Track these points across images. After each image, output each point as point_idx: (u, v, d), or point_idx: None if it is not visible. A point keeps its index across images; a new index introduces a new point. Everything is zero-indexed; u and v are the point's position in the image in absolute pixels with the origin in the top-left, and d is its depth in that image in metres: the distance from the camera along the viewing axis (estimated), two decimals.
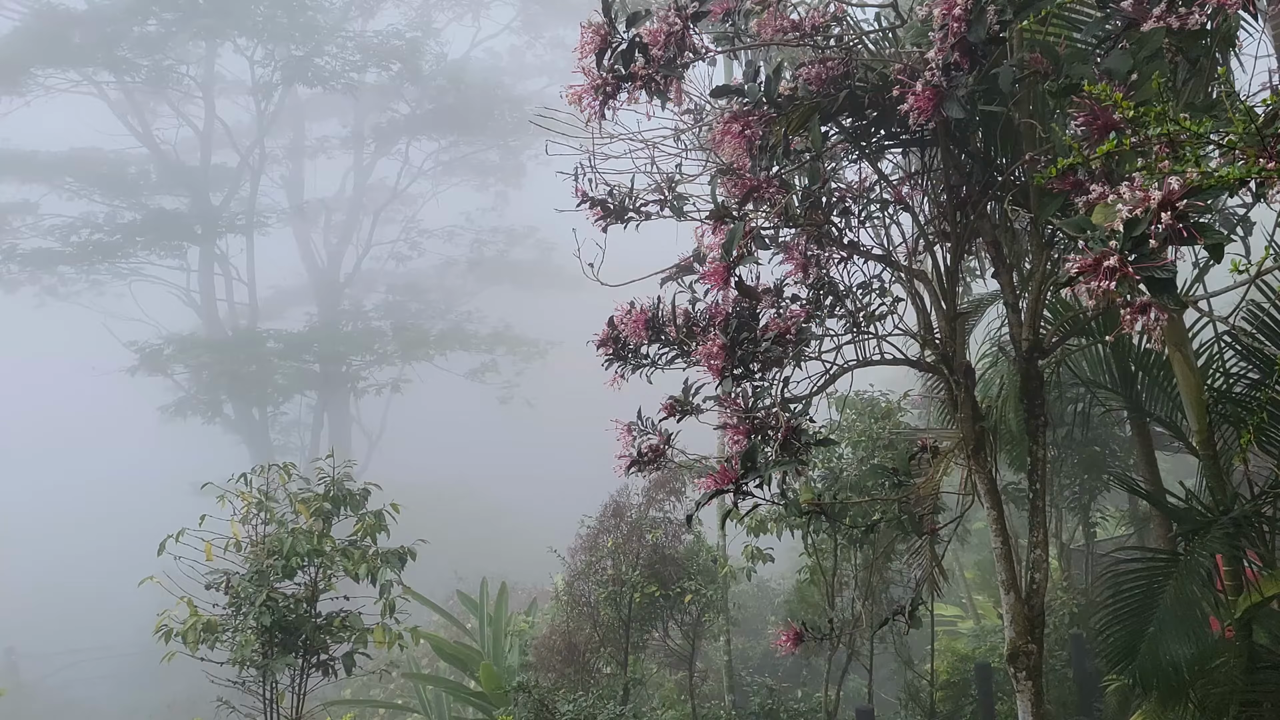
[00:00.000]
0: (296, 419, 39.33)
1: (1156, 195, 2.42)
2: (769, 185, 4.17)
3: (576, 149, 4.56)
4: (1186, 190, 2.40)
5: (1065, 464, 13.29)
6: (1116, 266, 2.41)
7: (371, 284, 42.48)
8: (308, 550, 7.07)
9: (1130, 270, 2.44)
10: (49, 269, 35.17)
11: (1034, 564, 5.07)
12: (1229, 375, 6.32)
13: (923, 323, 5.00)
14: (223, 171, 38.04)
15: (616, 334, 4.50)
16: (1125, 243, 2.44)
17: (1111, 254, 2.43)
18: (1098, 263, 2.47)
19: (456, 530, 34.94)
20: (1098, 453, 13.17)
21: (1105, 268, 2.43)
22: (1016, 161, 4.39)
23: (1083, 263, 2.47)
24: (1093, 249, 2.50)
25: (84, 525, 39.71)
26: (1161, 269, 2.41)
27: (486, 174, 43.95)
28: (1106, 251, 2.45)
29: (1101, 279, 2.44)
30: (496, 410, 40.82)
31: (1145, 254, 2.44)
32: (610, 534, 11.26)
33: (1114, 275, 2.44)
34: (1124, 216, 2.46)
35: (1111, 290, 2.44)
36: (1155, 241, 2.40)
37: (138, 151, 37.04)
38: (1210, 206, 2.48)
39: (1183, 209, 2.40)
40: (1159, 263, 2.42)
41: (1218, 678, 5.99)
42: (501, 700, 11.45)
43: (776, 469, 4.18)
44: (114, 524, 37.41)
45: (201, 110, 37.12)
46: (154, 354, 34.23)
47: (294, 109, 40.70)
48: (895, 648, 11.75)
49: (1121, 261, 2.44)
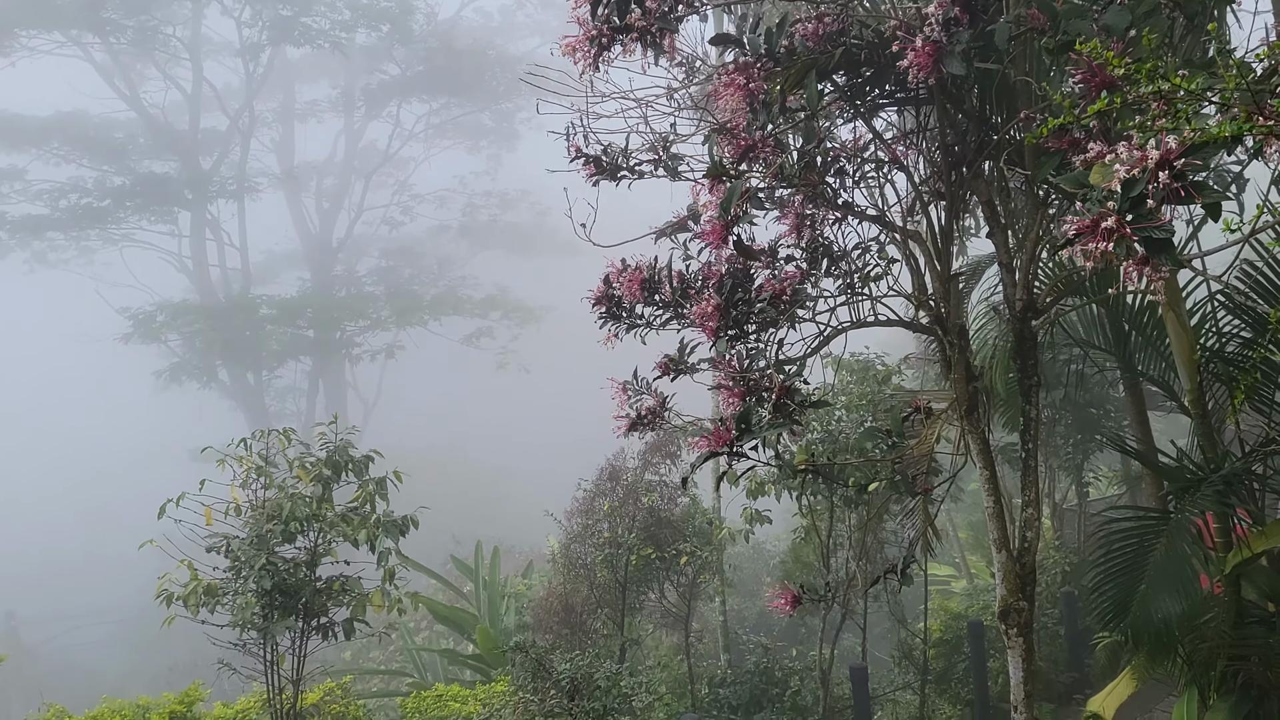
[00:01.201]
0: (292, 385, 39.35)
1: (1154, 154, 2.40)
2: (764, 144, 4.15)
3: (569, 108, 4.52)
4: (1184, 149, 2.38)
5: (1059, 424, 13.36)
6: (1114, 227, 2.40)
7: (364, 249, 42.32)
8: (307, 515, 7.09)
9: (1128, 231, 2.43)
10: (38, 235, 34.96)
11: (1026, 523, 5.11)
12: (1221, 334, 6.34)
13: (917, 284, 4.99)
14: (212, 135, 37.69)
15: (611, 292, 4.49)
16: (1123, 203, 2.43)
17: (1109, 214, 2.42)
18: (1095, 224, 2.46)
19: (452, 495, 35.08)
20: (1091, 413, 13.24)
21: (1103, 229, 2.42)
22: (1012, 120, 4.36)
23: (1081, 224, 2.47)
24: (1090, 210, 2.49)
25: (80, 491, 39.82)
26: (1159, 229, 2.41)
27: (479, 136, 43.60)
28: (1104, 212, 2.44)
29: (1099, 240, 2.44)
30: (492, 375, 40.87)
31: (1142, 214, 2.44)
32: (606, 497, 11.32)
33: (1112, 236, 2.44)
34: (1121, 176, 2.45)
35: (1110, 251, 2.44)
36: (1153, 201, 2.39)
37: (125, 115, 36.68)
38: (1207, 165, 2.47)
39: (1180, 168, 2.39)
40: (1156, 223, 2.41)
41: (1206, 633, 6.07)
42: (499, 661, 11.57)
43: (771, 431, 4.19)
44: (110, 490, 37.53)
45: (189, 73, 36.74)
46: (147, 320, 34.14)
47: (283, 71, 40.27)
48: (889, 607, 11.87)
49: (1119, 222, 2.43)
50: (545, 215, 42.17)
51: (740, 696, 10.15)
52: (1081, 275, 5.83)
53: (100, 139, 35.59)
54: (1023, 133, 4.30)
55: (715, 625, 13.39)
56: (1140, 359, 7.01)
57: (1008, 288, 5.00)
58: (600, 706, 8.06)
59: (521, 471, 40.95)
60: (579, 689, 8.19)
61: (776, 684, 10.16)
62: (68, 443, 43.01)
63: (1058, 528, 14.56)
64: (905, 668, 12.07)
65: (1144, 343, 6.89)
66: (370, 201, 41.53)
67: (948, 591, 16.68)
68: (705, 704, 10.45)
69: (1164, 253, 2.46)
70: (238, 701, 8.50)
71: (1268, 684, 5.72)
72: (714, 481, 11.96)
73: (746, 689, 10.20)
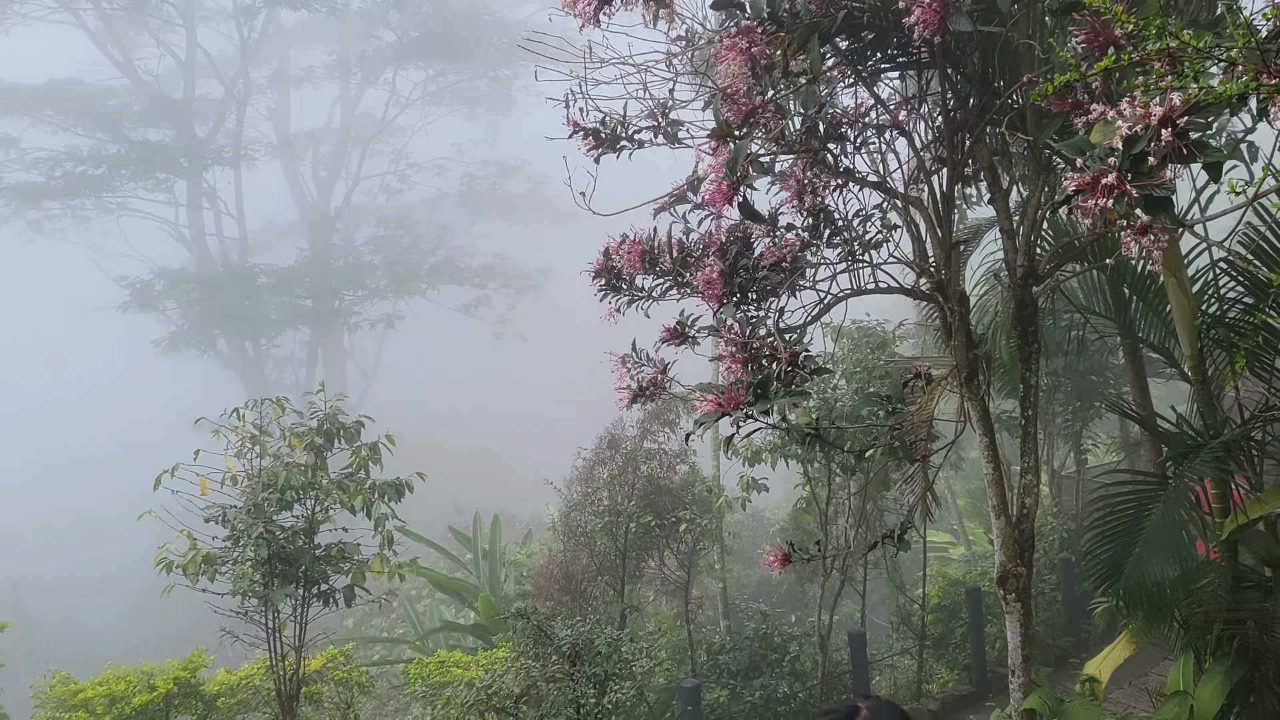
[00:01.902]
0: (290, 354, 39.35)
1: (1157, 111, 2.37)
2: (765, 109, 4.10)
3: (567, 74, 4.46)
4: (1188, 107, 2.35)
5: (1058, 392, 13.38)
6: (1115, 185, 2.37)
7: (362, 218, 42.12)
8: (302, 483, 7.11)
9: (1128, 188, 2.40)
10: (34, 204, 34.75)
11: (1025, 489, 5.13)
12: (1223, 300, 6.32)
13: (918, 250, 4.97)
14: (207, 103, 37.39)
15: (611, 264, 4.46)
16: (1124, 160, 2.40)
17: (1110, 171, 2.39)
18: (1096, 181, 2.43)
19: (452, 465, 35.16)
20: (1091, 380, 13.26)
21: (1103, 186, 2.39)
22: (1014, 84, 4.32)
23: (1081, 181, 2.44)
24: (1091, 168, 2.46)
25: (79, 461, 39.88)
26: (1159, 187, 2.38)
27: (476, 103, 43.25)
28: (1105, 169, 2.41)
29: (1099, 197, 2.41)
30: (490, 345, 40.86)
31: (1143, 172, 2.41)
32: (606, 465, 11.35)
33: (1112, 194, 2.41)
34: (1123, 133, 2.42)
35: (1109, 209, 2.41)
36: (1154, 159, 2.36)
37: (119, 83, 36.34)
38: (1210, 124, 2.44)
39: (1183, 126, 2.36)
40: (1157, 181, 2.38)
41: (1203, 597, 6.10)
42: (499, 627, 11.66)
43: (786, 399, 4.15)
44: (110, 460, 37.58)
45: (183, 39, 36.34)
46: (145, 289, 34.05)
47: (278, 37, 39.84)
48: (888, 573, 11.95)
49: (1120, 179, 2.40)
50: (543, 184, 41.93)
51: (740, 662, 10.24)
52: (1082, 241, 5.80)
53: (94, 107, 35.27)
54: (1025, 96, 4.26)
55: (715, 592, 13.49)
56: (1141, 325, 6.99)
57: (1009, 254, 4.98)
58: (601, 672, 8.12)
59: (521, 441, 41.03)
60: (580, 654, 8.26)
61: (776, 649, 10.25)
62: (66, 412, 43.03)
63: (1056, 495, 14.63)
64: (903, 633, 12.17)
65: (1145, 309, 6.87)
66: (367, 170, 41.31)
67: (946, 558, 16.79)
68: (705, 669, 10.55)
69: (1163, 211, 2.43)
70: (241, 669, 8.57)
71: (1263, 647, 5.76)
72: (714, 447, 11.99)
73: (746, 655, 10.29)
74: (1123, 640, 6.70)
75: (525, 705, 8.24)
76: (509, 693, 8.06)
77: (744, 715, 9.77)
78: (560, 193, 4.45)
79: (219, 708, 8.21)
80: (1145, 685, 8.99)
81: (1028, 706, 5.08)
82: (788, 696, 9.86)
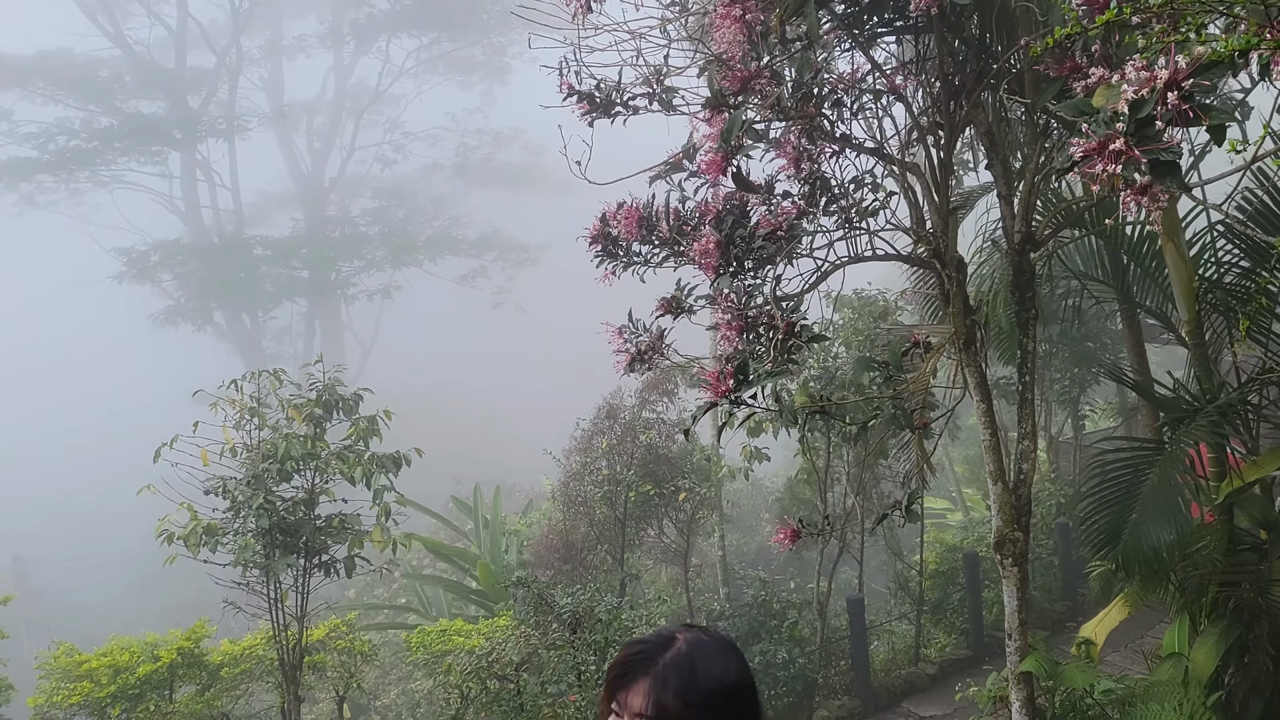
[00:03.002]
0: (288, 327, 39.30)
1: (1163, 74, 2.35)
2: (760, 76, 4.07)
3: (561, 41, 4.42)
4: (1194, 68, 2.33)
5: (1055, 358, 13.39)
6: (1123, 149, 2.35)
7: (357, 189, 41.90)
8: (302, 454, 7.13)
9: (1136, 153, 2.38)
10: (26, 177, 34.53)
11: (1022, 455, 5.15)
12: (1220, 264, 6.31)
13: (915, 217, 4.95)
14: (200, 73, 37.07)
15: (608, 230, 4.44)
16: (1130, 124, 2.38)
17: (1118, 136, 2.37)
18: (1103, 146, 2.41)
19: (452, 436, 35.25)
20: (1088, 347, 13.27)
21: (1110, 151, 2.37)
22: (1012, 48, 4.28)
23: (1087, 146, 2.42)
24: (1095, 132, 2.45)
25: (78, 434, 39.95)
26: (1166, 151, 2.36)
27: (470, 72, 42.87)
28: (1112, 134, 2.39)
29: (1107, 162, 2.39)
30: (489, 316, 40.80)
31: (1149, 136, 2.39)
32: (605, 435, 11.38)
33: (1119, 159, 2.39)
34: (1129, 97, 2.40)
35: (1116, 174, 2.40)
36: (1160, 123, 2.34)
37: (110, 53, 36.02)
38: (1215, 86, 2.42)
39: (1189, 88, 2.34)
40: (1164, 145, 2.36)
41: (1198, 560, 6.15)
42: (500, 596, 11.74)
43: (770, 379, 4.17)
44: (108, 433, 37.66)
45: (173, 8, 35.96)
46: (140, 260, 33.91)
47: (269, 4, 39.39)
48: (885, 540, 12.02)
49: (1128, 144, 2.38)
50: (540, 154, 41.64)
51: (739, 628, 10.32)
52: (1080, 207, 5.78)
53: (85, 78, 34.97)
54: (1023, 60, 4.22)
55: (714, 560, 13.57)
56: (1138, 291, 6.98)
57: (1006, 220, 4.96)
58: (602, 639, 8.19)
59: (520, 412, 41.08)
60: (580, 622, 8.32)
61: (774, 616, 10.33)
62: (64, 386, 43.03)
63: (1053, 460, 14.69)
64: (901, 599, 12.26)
65: (1142, 274, 6.86)
66: (362, 140, 41.04)
67: (944, 525, 16.88)
68: None
69: (1170, 175, 2.42)
70: (244, 639, 8.64)
71: (1258, 609, 5.81)
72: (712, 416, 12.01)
73: (745, 621, 10.37)
74: (1118, 604, 6.76)
75: (526, 672, 8.32)
76: (509, 660, 8.14)
77: None
78: (557, 163, 4.42)
79: (223, 677, 8.29)
80: (1141, 648, 9.08)
81: (1024, 669, 5.13)
82: (787, 662, 9.95)
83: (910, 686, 11.01)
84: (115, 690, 7.54)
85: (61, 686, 7.58)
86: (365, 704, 12.90)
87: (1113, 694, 5.91)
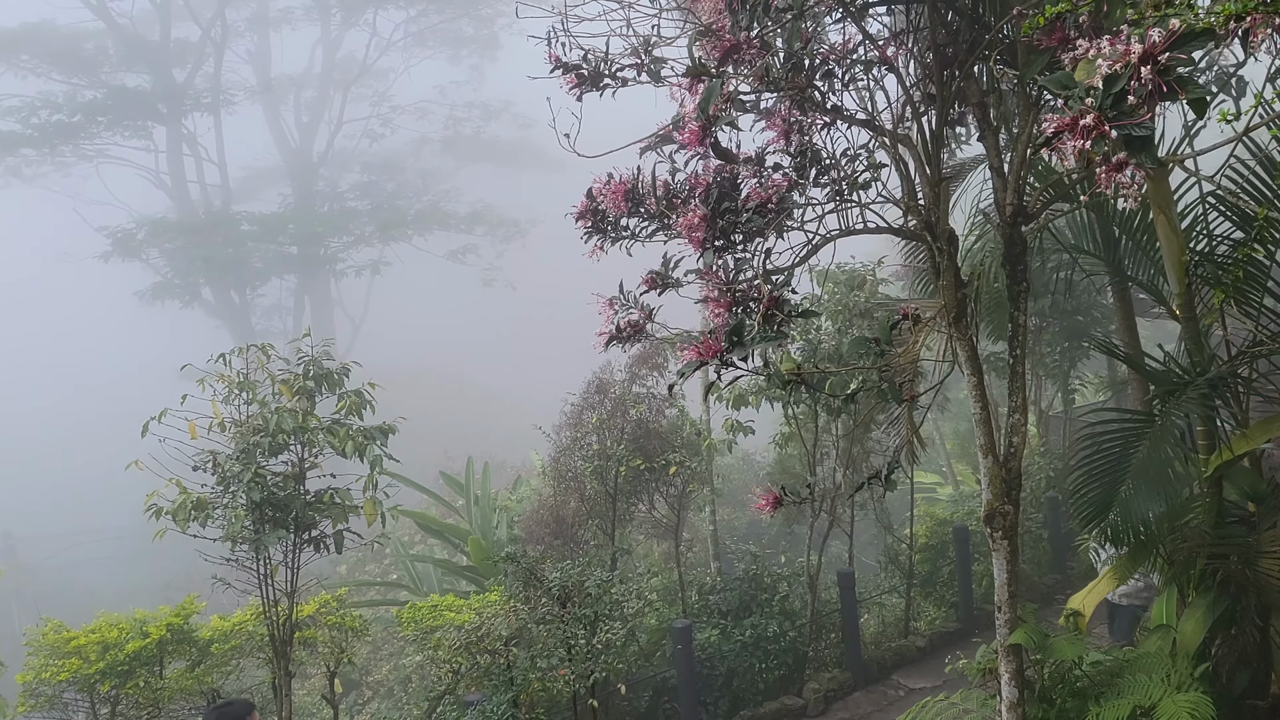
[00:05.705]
0: (278, 303, 39.07)
1: (1137, 49, 2.32)
2: (749, 45, 4.01)
3: (549, 10, 4.35)
4: (1169, 42, 2.30)
5: (1047, 332, 13.41)
6: (1093, 125, 2.33)
7: (346, 163, 41.55)
8: (292, 428, 7.10)
9: (1107, 129, 2.36)
10: (11, 151, 34.13)
11: (1013, 429, 5.13)
12: (1212, 237, 6.29)
13: (906, 189, 4.90)
14: (185, 46, 36.59)
15: (595, 205, 4.39)
16: (1104, 99, 2.36)
17: (1089, 112, 2.35)
18: (1075, 121, 2.39)
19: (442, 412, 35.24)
20: (1079, 320, 13.29)
21: (1082, 126, 2.35)
22: (1005, 18, 4.23)
23: (1060, 122, 2.40)
24: (1071, 107, 2.42)
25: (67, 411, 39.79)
26: (1139, 126, 2.34)
27: (459, 45, 42.45)
28: (1083, 109, 2.37)
29: (1078, 138, 2.37)
30: (479, 292, 40.62)
31: (1124, 111, 2.36)
32: (594, 410, 11.35)
33: (1090, 134, 2.37)
34: (1103, 72, 2.37)
35: (1089, 150, 2.37)
36: (1135, 98, 2.32)
37: (94, 25, 35.52)
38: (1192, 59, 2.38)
39: (1165, 63, 2.31)
40: (1136, 120, 2.34)
41: (1187, 533, 6.17)
42: (491, 571, 11.75)
43: (762, 344, 4.14)
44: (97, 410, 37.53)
45: None
46: (127, 237, 33.63)
47: None
48: (875, 514, 12.07)
49: (1098, 119, 2.36)
50: (529, 127, 41.34)
51: (730, 602, 10.37)
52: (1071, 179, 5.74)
53: (69, 51, 34.50)
54: (1015, 32, 4.17)
55: (705, 534, 13.61)
56: (1129, 264, 6.97)
57: (998, 192, 4.92)
58: (591, 613, 8.21)
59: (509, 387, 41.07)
60: (569, 596, 8.34)
61: (765, 590, 10.38)
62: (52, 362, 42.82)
63: (1043, 434, 14.74)
64: (891, 572, 12.33)
65: (1134, 247, 6.84)
66: (350, 114, 40.62)
67: (933, 498, 16.96)
68: (696, 610, 10.68)
69: (1144, 151, 2.39)
70: (234, 615, 8.63)
71: (1245, 581, 5.84)
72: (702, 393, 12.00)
73: (736, 595, 10.41)
74: (1107, 575, 6.79)
75: (515, 647, 8.33)
76: (498, 635, 8.15)
77: (734, 654, 9.93)
78: (547, 137, 4.35)
79: (213, 653, 8.28)
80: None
81: (1014, 642, 5.15)
82: (778, 635, 10.00)
83: (900, 659, 11.09)
84: (104, 667, 7.53)
85: (50, 663, 7.56)
86: (357, 679, 12.94)
87: (1101, 665, 5.94)
